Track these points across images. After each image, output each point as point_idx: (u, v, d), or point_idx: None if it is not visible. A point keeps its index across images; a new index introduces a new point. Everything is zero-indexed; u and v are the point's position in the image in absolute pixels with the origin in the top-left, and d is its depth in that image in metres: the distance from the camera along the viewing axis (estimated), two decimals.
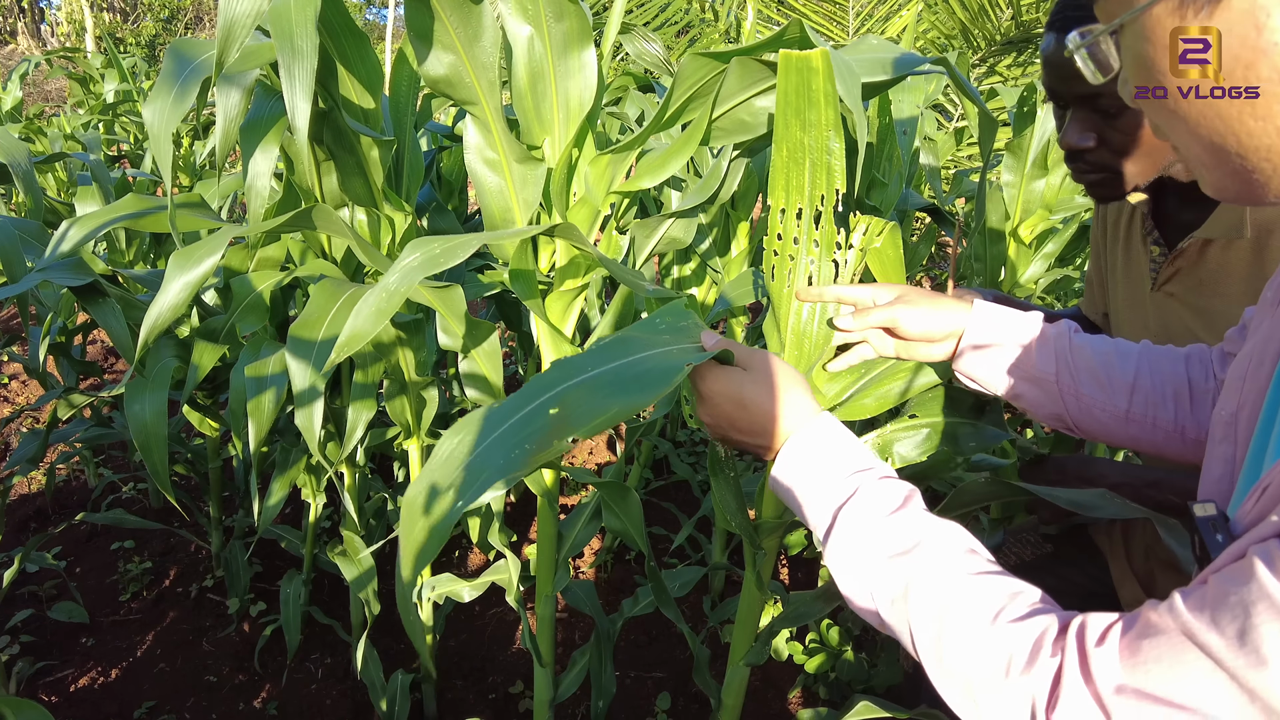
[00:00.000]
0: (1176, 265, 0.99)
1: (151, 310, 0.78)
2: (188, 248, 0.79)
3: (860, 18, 3.70)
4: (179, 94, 0.79)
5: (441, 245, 0.72)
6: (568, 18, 0.90)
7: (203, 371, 1.28)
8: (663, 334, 0.75)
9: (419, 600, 1.49)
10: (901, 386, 0.96)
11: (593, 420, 0.59)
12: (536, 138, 0.98)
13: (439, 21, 0.84)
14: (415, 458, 1.43)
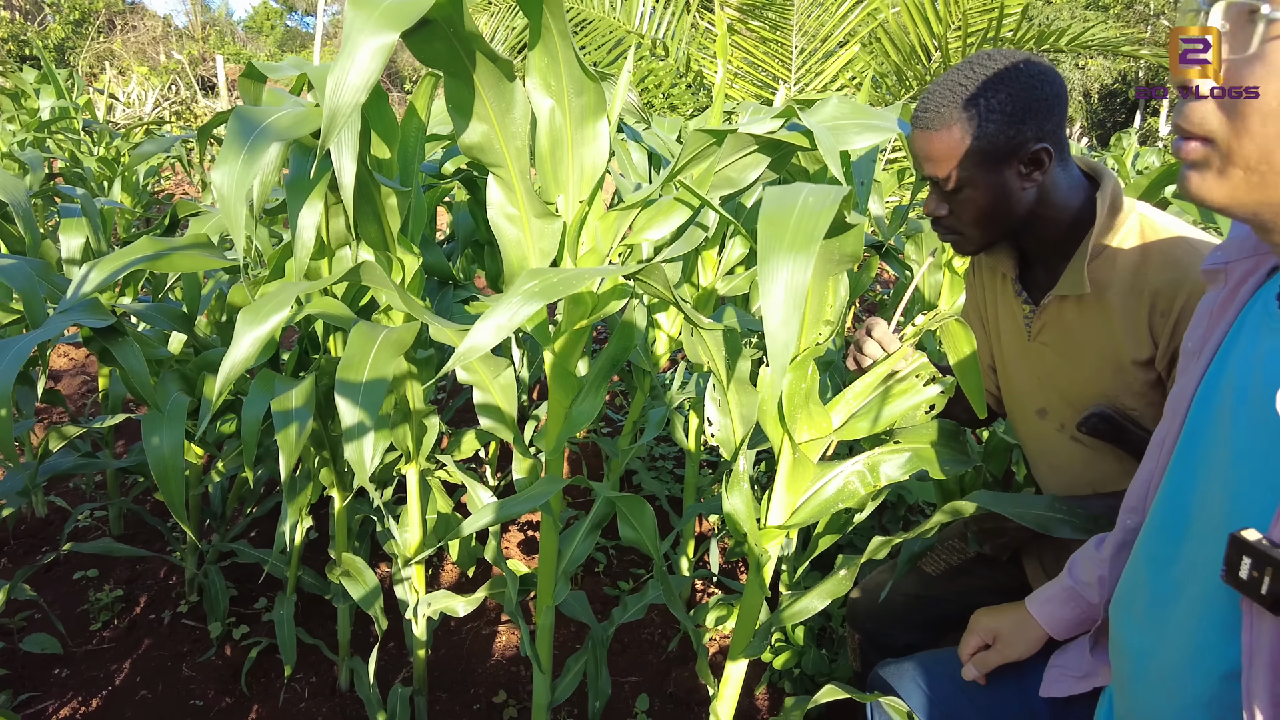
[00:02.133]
0: (1043, 320, 1.17)
1: (225, 364, 0.85)
2: (255, 304, 0.87)
3: (803, 55, 3.93)
4: (248, 157, 0.88)
5: (558, 275, 0.83)
6: (587, 93, 1.02)
7: (216, 405, 1.33)
8: None
9: (414, 617, 1.57)
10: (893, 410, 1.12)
11: None
12: (552, 195, 1.10)
13: (478, 98, 0.95)
14: (413, 481, 1.51)
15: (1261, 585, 0.56)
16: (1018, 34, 3.41)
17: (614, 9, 4.05)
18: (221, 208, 0.87)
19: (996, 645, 1.07)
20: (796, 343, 1.05)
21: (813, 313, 1.04)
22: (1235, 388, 0.69)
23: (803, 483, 1.12)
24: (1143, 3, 23.62)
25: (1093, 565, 1.01)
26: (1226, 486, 0.66)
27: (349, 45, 0.73)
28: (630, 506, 1.24)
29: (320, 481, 1.57)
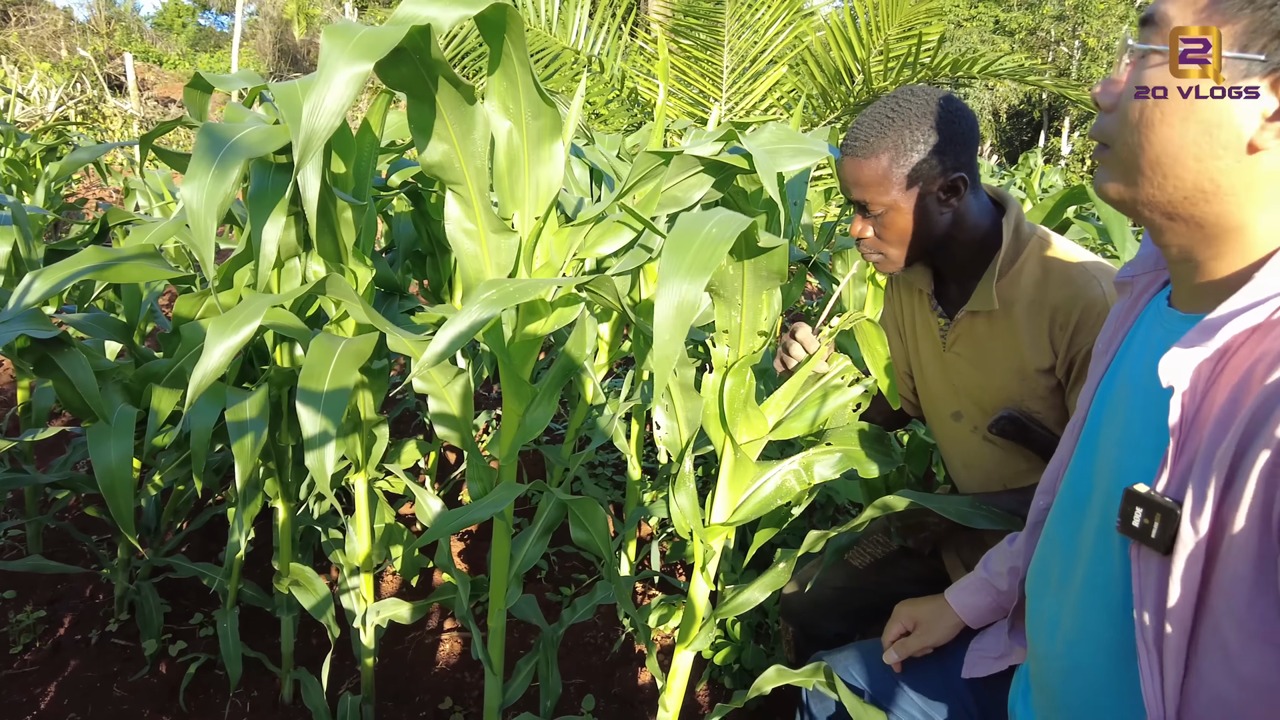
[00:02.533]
0: (956, 332, 1.28)
1: (196, 373, 0.87)
2: (227, 315, 0.89)
3: (733, 75, 4.06)
4: (218, 173, 0.90)
5: (514, 285, 0.89)
6: (543, 116, 1.07)
7: (163, 415, 1.33)
8: None
9: (362, 625, 1.58)
10: (827, 410, 1.20)
11: None
12: (509, 212, 1.15)
13: (440, 120, 0.99)
14: (362, 490, 1.53)
15: (1151, 530, 0.66)
16: (935, 60, 3.61)
17: (550, 25, 4.11)
18: (191, 222, 0.89)
19: (917, 631, 1.17)
20: (734, 350, 1.13)
21: (749, 324, 1.11)
22: (1131, 372, 0.80)
23: (743, 481, 1.19)
24: (1044, 30, 25.03)
25: (1005, 558, 1.11)
26: (1119, 451, 0.76)
27: (325, 72, 0.76)
28: (583, 508, 1.29)
29: (265, 493, 1.57)
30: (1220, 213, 0.67)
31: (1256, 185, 0.65)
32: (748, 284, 1.03)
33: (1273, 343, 0.61)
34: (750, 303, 1.07)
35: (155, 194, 2.69)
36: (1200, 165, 0.66)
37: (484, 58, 4.12)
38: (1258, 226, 0.66)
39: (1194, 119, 0.65)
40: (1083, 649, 0.80)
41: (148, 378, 1.46)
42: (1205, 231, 0.69)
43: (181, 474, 1.78)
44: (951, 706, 1.13)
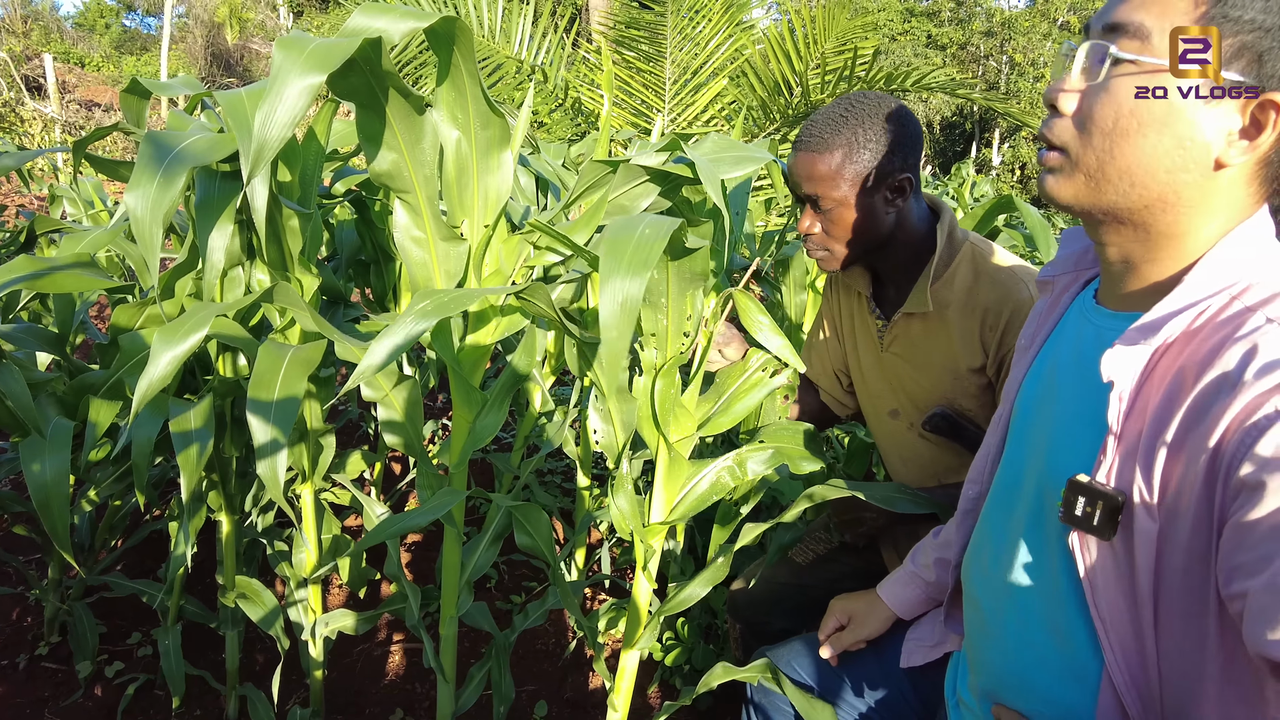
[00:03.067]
0: (894, 334, 1.34)
1: (141, 382, 0.86)
2: (173, 323, 0.88)
3: (675, 86, 4.12)
4: (163, 182, 0.89)
5: (449, 295, 0.90)
6: (492, 126, 1.09)
7: (101, 428, 1.30)
8: None
9: (311, 637, 1.56)
10: (748, 404, 1.24)
11: None
12: (458, 220, 1.16)
13: (389, 129, 1.00)
14: (308, 501, 1.51)
15: (1094, 518, 0.70)
16: (870, 73, 3.74)
17: (493, 35, 4.11)
18: (136, 231, 0.88)
19: (851, 625, 1.21)
20: (662, 353, 1.16)
21: (674, 325, 1.13)
22: (1059, 366, 0.84)
23: (679, 480, 1.21)
24: (974, 45, 25.96)
25: (931, 550, 1.16)
26: (1053, 443, 0.80)
27: (277, 83, 0.77)
28: (526, 514, 1.30)
29: (209, 505, 1.54)
30: (1171, 221, 0.71)
31: (1210, 199, 0.69)
32: (672, 287, 1.05)
33: (1202, 343, 0.66)
34: (675, 305, 1.09)
35: (85, 202, 2.60)
36: (1170, 177, 0.69)
37: (428, 65, 4.09)
38: (1199, 235, 0.70)
39: (1169, 131, 0.68)
40: (1020, 630, 0.84)
41: (83, 390, 1.42)
42: (1150, 238, 0.72)
43: (118, 489, 1.73)
44: (890, 695, 1.18)
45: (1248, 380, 0.60)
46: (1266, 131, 0.65)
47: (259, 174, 0.75)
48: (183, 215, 1.58)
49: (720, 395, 1.26)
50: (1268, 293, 0.66)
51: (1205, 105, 0.66)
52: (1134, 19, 0.69)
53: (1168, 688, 0.71)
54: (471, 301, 0.87)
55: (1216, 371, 0.63)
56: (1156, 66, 0.67)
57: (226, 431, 1.48)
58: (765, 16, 4.33)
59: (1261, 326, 0.63)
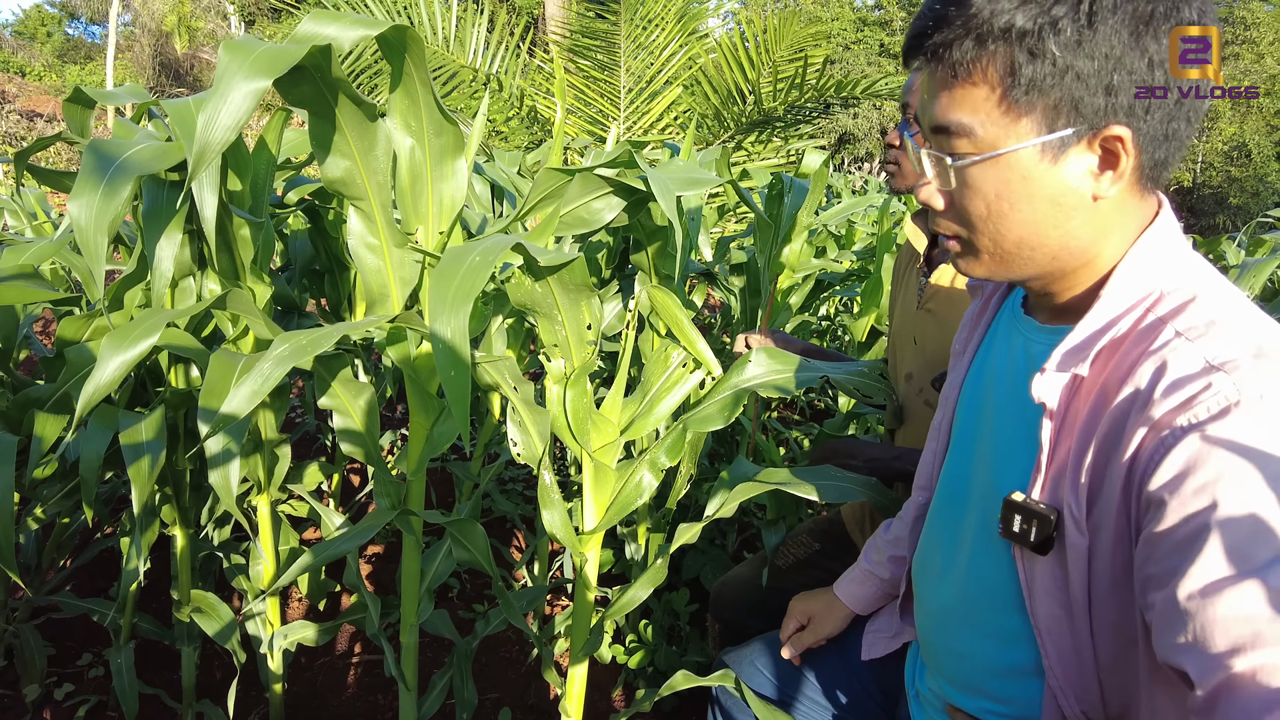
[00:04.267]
0: (932, 290, 1.41)
1: (87, 387, 0.85)
2: (123, 329, 0.87)
3: (630, 95, 4.16)
4: (107, 191, 0.88)
5: (308, 337, 0.87)
6: (445, 133, 1.09)
7: (47, 443, 1.27)
8: None
9: (270, 650, 1.54)
10: (670, 404, 1.24)
11: None
12: (412, 227, 1.16)
13: (342, 136, 1.00)
14: (265, 513, 1.50)
15: (1030, 535, 0.73)
16: (820, 81, 3.81)
17: (448, 44, 4.10)
18: (80, 241, 0.87)
19: (811, 625, 1.23)
20: (569, 362, 1.13)
21: (575, 336, 1.11)
22: (994, 376, 0.87)
23: (605, 486, 1.21)
24: None
25: (884, 547, 1.19)
26: (994, 458, 0.84)
27: (222, 86, 0.76)
28: (461, 530, 1.28)
29: (162, 519, 1.51)
30: (1078, 253, 0.73)
31: (1104, 223, 0.72)
32: (560, 298, 1.04)
33: (1123, 358, 0.69)
34: (570, 315, 1.08)
35: (28, 213, 2.54)
36: (1060, 231, 0.71)
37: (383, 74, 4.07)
38: (1105, 254, 0.73)
39: (1039, 198, 0.69)
40: (969, 635, 0.88)
41: (27, 404, 1.39)
42: (1065, 270, 0.75)
43: (66, 506, 1.69)
44: (853, 688, 1.20)
45: (1156, 398, 0.63)
46: (1124, 157, 0.67)
47: (201, 176, 0.75)
48: (131, 226, 1.56)
49: (644, 397, 1.26)
50: (1177, 302, 0.68)
51: (1055, 164, 0.68)
52: (952, 119, 0.70)
53: (1110, 693, 0.74)
54: (330, 342, 0.85)
55: (1130, 388, 0.66)
56: (995, 155, 0.69)
57: (180, 444, 1.46)
58: (720, 26, 4.39)
59: (1170, 341, 0.65)
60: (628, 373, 1.26)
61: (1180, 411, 0.61)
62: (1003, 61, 0.66)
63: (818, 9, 26.45)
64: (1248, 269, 2.19)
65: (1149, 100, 0.66)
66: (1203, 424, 0.60)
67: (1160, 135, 0.67)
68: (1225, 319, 0.65)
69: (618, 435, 1.19)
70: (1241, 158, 23.93)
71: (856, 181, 8.08)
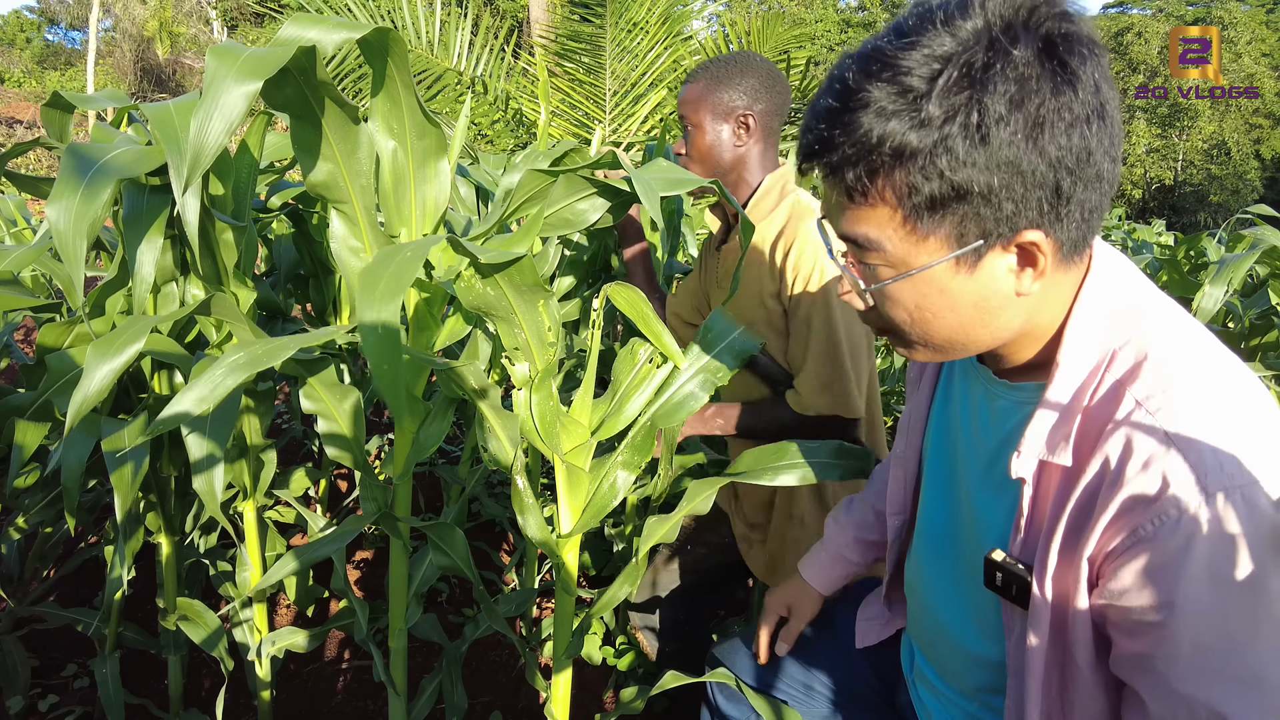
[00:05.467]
0: (723, 264, 1.56)
1: (76, 397, 0.84)
2: (108, 336, 0.87)
3: (615, 97, 4.16)
4: (86, 194, 0.87)
5: (264, 347, 0.86)
6: (428, 136, 1.09)
7: (28, 451, 1.26)
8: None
9: (257, 657, 1.53)
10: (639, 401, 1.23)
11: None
12: (396, 230, 1.16)
13: (325, 140, 1.00)
14: (251, 519, 1.49)
15: (1011, 589, 0.75)
16: (803, 82, 3.82)
17: (432, 47, 4.10)
18: (59, 245, 0.87)
19: (794, 614, 1.22)
20: (532, 365, 1.11)
21: (535, 338, 1.10)
22: (959, 422, 0.89)
23: (579, 489, 1.19)
24: None
25: (848, 528, 1.20)
26: (974, 514, 0.85)
27: (212, 91, 0.76)
28: (441, 534, 1.27)
29: (147, 527, 1.50)
30: (1015, 334, 0.74)
31: (1034, 305, 0.71)
32: (514, 300, 1.02)
33: (1090, 422, 0.69)
34: (528, 318, 1.06)
35: (7, 220, 2.52)
36: (989, 329, 0.72)
37: (366, 78, 4.05)
38: (1042, 323, 0.73)
39: (961, 305, 0.69)
40: (960, 657, 0.91)
41: (7, 412, 1.37)
42: (1007, 345, 0.76)
43: (49, 515, 1.68)
44: (849, 677, 1.19)
45: (1127, 477, 0.64)
46: (1041, 257, 0.66)
47: (195, 182, 0.75)
48: (112, 231, 1.55)
49: (614, 395, 1.24)
50: (1131, 361, 0.68)
51: (972, 273, 0.67)
52: (859, 233, 0.69)
53: None
54: (289, 352, 0.84)
55: (1099, 460, 0.67)
56: (909, 274, 0.68)
57: (164, 450, 1.45)
58: (704, 28, 4.40)
59: (1132, 411, 0.65)
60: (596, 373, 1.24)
61: (1146, 510, 0.63)
62: (900, 183, 0.64)
63: (801, 11, 26.55)
64: (1226, 265, 2.21)
65: (1056, 204, 0.64)
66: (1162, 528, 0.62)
67: (1077, 219, 0.66)
68: (1178, 381, 0.65)
69: (588, 437, 1.19)
70: (1221, 155, 24.21)
71: None
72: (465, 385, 1.02)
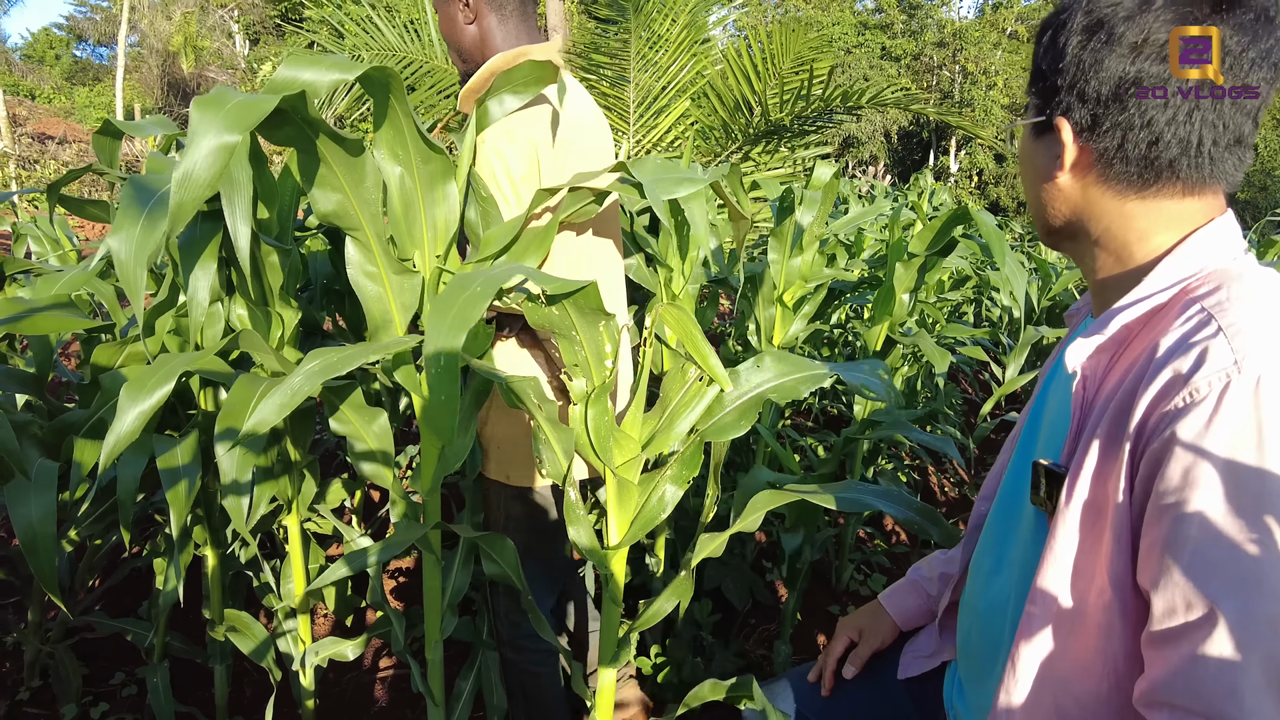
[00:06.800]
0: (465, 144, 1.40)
1: (110, 437, 0.87)
2: (138, 378, 0.90)
3: (639, 109, 4.19)
4: (146, 225, 0.91)
5: (338, 355, 0.92)
6: (433, 161, 1.11)
7: (86, 467, 1.31)
8: None
9: (301, 667, 1.57)
10: (690, 419, 1.25)
11: None
12: (409, 252, 1.18)
13: (330, 171, 0.99)
14: (295, 532, 1.53)
15: (1054, 497, 0.76)
16: (826, 91, 3.84)
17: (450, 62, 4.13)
18: (120, 274, 0.91)
19: (863, 639, 1.21)
20: (589, 381, 1.14)
21: (594, 355, 1.13)
22: (1054, 374, 0.92)
23: (629, 502, 1.22)
24: (927, 55, 26.51)
25: (935, 565, 1.20)
26: (1044, 441, 0.87)
27: (194, 144, 0.75)
28: (491, 544, 1.31)
29: (194, 540, 1.54)
30: (1063, 220, 0.81)
31: (1080, 208, 0.79)
32: (576, 321, 1.06)
33: (1148, 333, 0.72)
34: (588, 337, 1.10)
35: (51, 239, 2.59)
36: (1039, 203, 0.83)
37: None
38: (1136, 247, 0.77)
39: (1027, 171, 0.84)
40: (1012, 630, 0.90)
41: (63, 430, 1.42)
42: (1088, 251, 0.81)
43: (98, 528, 1.73)
44: (890, 711, 1.17)
45: (1170, 361, 0.66)
46: (1066, 146, 0.77)
47: (235, 208, 0.78)
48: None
49: (664, 412, 1.27)
50: (1212, 285, 0.71)
51: (1033, 143, 0.82)
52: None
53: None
54: (360, 360, 0.88)
55: (1149, 349, 0.70)
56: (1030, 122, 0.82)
57: (210, 466, 1.49)
58: (724, 36, 4.43)
59: (1194, 316, 0.68)
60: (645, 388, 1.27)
61: (1181, 386, 0.64)
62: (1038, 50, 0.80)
63: (819, 14, 26.50)
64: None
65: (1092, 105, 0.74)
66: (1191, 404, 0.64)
67: (1113, 125, 0.73)
68: (1251, 302, 0.67)
69: (639, 451, 1.21)
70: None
71: (862, 186, 8.10)
72: (526, 400, 1.05)
